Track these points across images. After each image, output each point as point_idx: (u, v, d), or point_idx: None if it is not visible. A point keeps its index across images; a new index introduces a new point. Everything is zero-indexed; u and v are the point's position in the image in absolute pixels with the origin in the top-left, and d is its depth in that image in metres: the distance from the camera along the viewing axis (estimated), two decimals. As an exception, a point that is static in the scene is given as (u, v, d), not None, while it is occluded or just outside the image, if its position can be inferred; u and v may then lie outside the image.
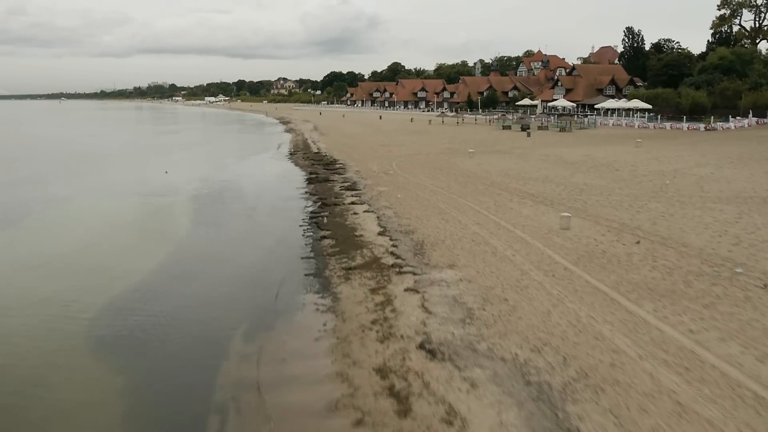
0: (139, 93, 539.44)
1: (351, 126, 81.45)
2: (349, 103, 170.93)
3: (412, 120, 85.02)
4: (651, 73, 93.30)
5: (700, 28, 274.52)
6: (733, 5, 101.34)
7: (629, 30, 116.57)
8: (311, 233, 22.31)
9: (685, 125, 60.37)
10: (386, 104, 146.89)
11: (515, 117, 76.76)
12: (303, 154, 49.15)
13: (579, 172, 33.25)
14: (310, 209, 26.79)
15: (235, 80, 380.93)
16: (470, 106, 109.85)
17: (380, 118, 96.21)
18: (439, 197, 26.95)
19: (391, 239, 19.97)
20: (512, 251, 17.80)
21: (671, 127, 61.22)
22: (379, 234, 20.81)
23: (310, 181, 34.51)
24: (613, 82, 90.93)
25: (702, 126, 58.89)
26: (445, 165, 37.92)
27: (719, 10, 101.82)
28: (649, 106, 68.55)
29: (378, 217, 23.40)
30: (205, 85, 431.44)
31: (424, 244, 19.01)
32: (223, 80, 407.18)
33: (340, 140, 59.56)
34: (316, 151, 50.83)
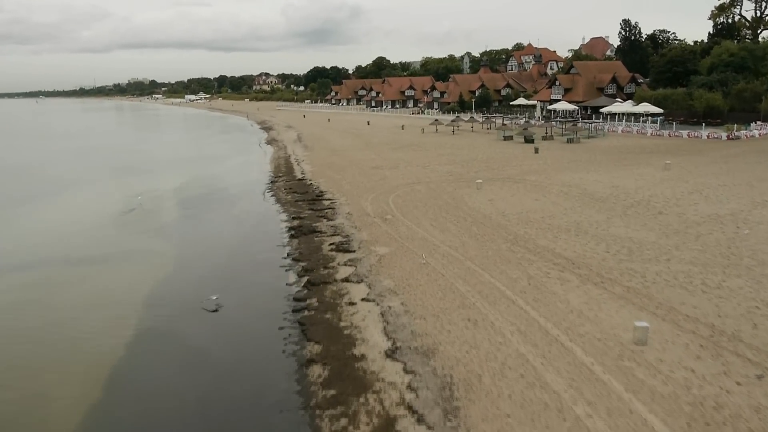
0: (118, 90, 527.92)
1: (337, 136, 75.53)
2: (333, 101, 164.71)
3: (402, 127, 79.23)
4: (654, 70, 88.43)
5: (692, 13, 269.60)
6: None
7: (626, 22, 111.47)
8: (294, 346, 16.62)
9: (704, 133, 55.22)
10: (372, 103, 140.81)
11: (516, 125, 71.25)
12: (285, 182, 43.28)
13: (615, 215, 27.81)
14: (294, 290, 21.07)
15: (217, 75, 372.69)
16: (462, 106, 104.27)
17: (368, 123, 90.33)
18: (456, 268, 21.37)
19: (405, 369, 14.36)
20: (585, 405, 12.27)
21: (689, 136, 56.01)
22: (388, 355, 15.19)
23: (293, 233, 28.71)
24: (614, 80, 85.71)
25: (724, 134, 53.75)
26: (452, 202, 32.34)
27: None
28: (660, 111, 63.36)
29: (382, 315, 17.77)
30: (185, 81, 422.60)
31: (453, 387, 13.40)
32: (204, 75, 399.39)
33: (327, 158, 53.74)
34: (300, 176, 44.99)
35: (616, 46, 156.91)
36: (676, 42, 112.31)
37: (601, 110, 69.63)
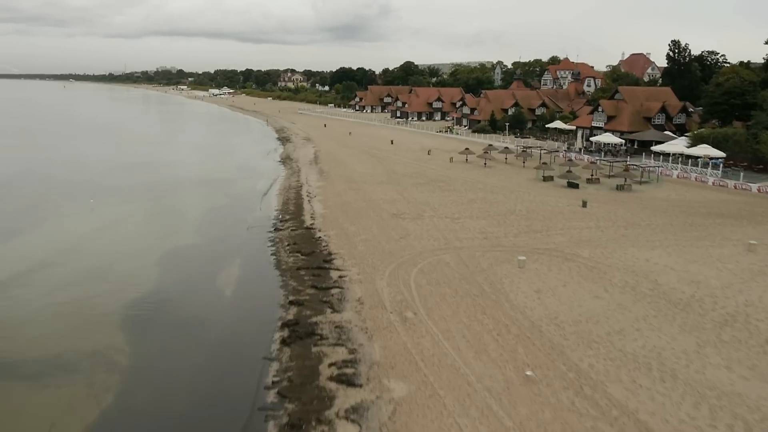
0: (146, 77, 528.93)
1: (357, 158, 69.18)
2: (357, 108, 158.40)
3: (429, 152, 72.57)
4: (707, 101, 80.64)
5: (736, 29, 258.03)
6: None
7: (675, 43, 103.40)
8: None
9: (777, 189, 47.88)
10: (398, 114, 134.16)
11: (554, 158, 64.32)
12: (291, 232, 37.17)
13: (707, 340, 21.10)
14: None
15: (243, 68, 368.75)
16: (494, 126, 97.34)
17: (391, 143, 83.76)
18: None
19: None
20: None
21: (759, 191, 48.60)
22: None
23: (285, 335, 22.51)
24: (663, 109, 78.01)
25: (802, 193, 46.36)
26: (489, 292, 25.86)
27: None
28: (722, 155, 55.91)
29: None
30: (212, 72, 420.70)
31: None
32: (232, 67, 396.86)
33: (342, 194, 47.55)
34: (309, 223, 38.81)
35: (657, 65, 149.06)
36: (726, 65, 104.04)
37: (653, 149, 62.21)
